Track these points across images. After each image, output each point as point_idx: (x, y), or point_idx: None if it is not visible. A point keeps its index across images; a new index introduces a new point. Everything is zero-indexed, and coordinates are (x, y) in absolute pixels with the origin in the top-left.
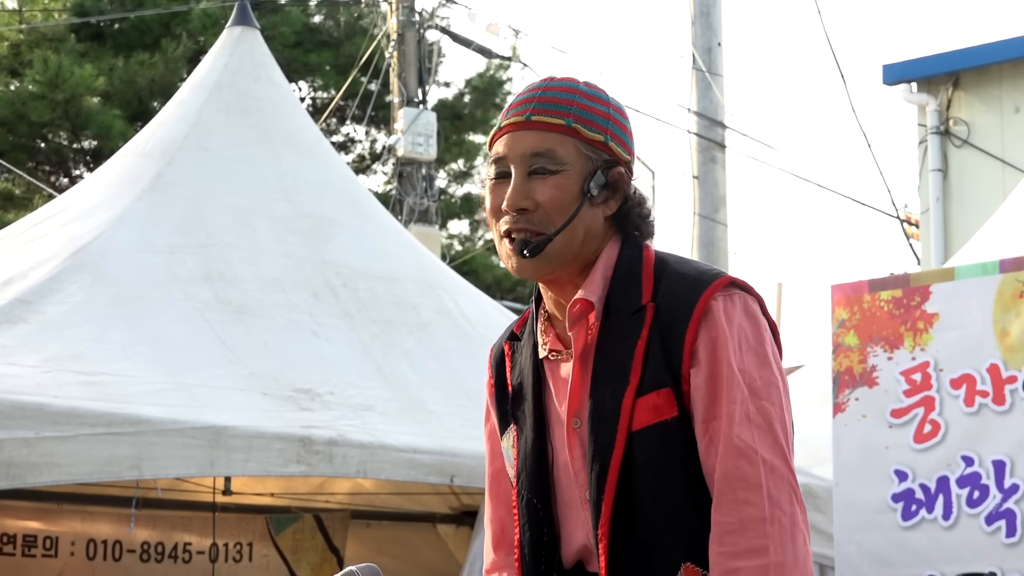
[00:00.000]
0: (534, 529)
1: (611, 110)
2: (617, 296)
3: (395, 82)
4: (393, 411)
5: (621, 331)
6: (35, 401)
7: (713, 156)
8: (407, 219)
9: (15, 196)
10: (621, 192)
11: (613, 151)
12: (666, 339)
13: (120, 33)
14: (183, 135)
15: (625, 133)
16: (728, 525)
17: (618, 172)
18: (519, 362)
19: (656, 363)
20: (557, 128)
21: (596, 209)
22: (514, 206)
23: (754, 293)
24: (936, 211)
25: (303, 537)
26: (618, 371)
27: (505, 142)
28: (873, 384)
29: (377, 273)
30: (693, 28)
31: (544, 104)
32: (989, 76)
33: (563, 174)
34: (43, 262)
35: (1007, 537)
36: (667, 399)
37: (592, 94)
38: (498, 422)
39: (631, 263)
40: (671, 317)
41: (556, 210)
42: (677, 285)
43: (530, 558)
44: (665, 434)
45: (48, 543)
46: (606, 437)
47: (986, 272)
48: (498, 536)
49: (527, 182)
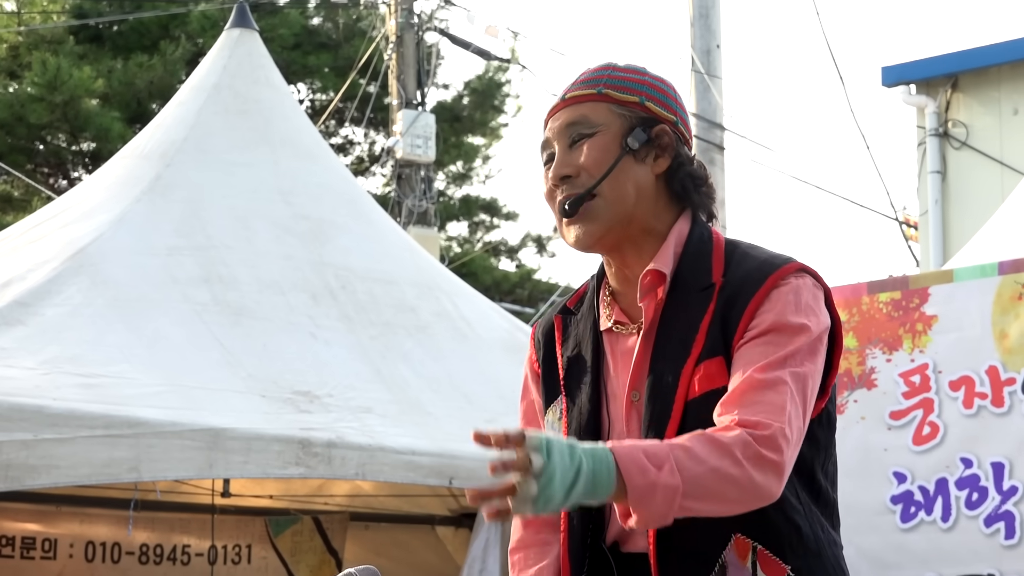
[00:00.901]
0: None
1: (647, 77)
2: (687, 271)
3: (394, 84)
4: (392, 413)
5: (688, 306)
6: (33, 403)
7: (712, 158)
8: (406, 221)
9: (14, 198)
10: (670, 150)
11: (652, 111)
12: (727, 312)
13: (119, 35)
14: (182, 137)
15: (667, 97)
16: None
17: (661, 128)
18: (574, 335)
19: (715, 335)
20: (589, 98)
21: (643, 166)
22: (557, 175)
23: (823, 282)
24: (935, 213)
25: (302, 539)
26: (681, 344)
27: (547, 126)
28: (872, 386)
29: (376, 275)
30: (692, 30)
31: (577, 84)
32: (988, 78)
33: (599, 134)
34: (41, 264)
35: (1006, 539)
36: (719, 367)
37: (628, 67)
38: (543, 395)
39: (702, 241)
40: (736, 293)
41: (596, 168)
42: (747, 264)
43: (579, 529)
44: (718, 401)
45: (47, 545)
46: (663, 407)
47: (985, 274)
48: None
49: (568, 153)
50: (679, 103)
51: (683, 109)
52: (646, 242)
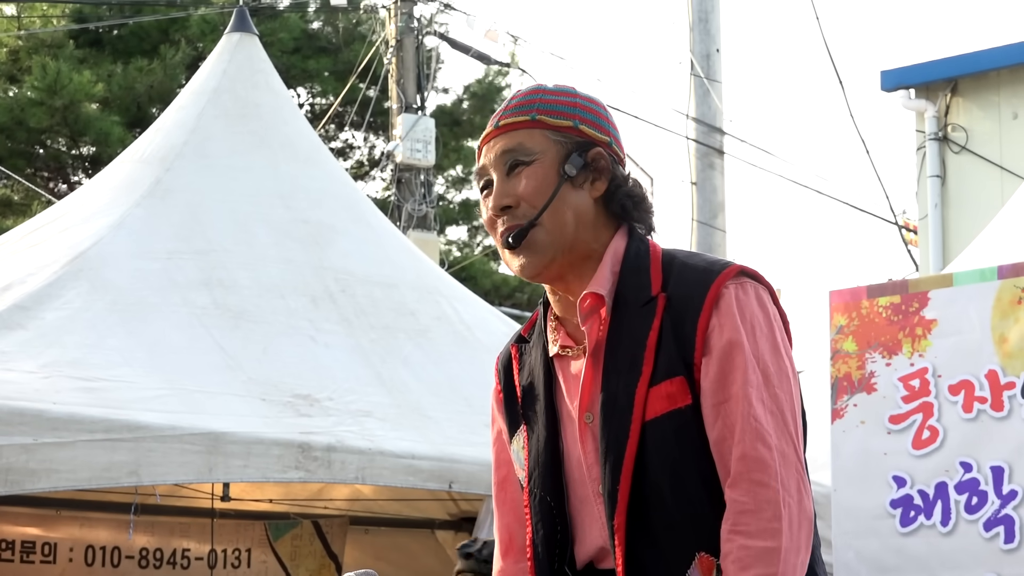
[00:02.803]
0: (548, 527)
1: (578, 99)
2: (627, 289)
3: (393, 88)
4: (392, 417)
5: (632, 323)
6: (34, 407)
7: (711, 162)
8: (405, 225)
9: (14, 202)
10: (605, 172)
11: (586, 133)
12: (678, 329)
13: (119, 39)
14: (182, 141)
15: (599, 118)
16: (743, 504)
17: (596, 152)
18: (528, 363)
19: (669, 352)
20: (523, 124)
21: (581, 192)
22: (498, 206)
23: (764, 282)
24: (934, 217)
25: (301, 543)
26: (630, 363)
27: (483, 154)
28: (871, 390)
29: (376, 279)
30: (691, 34)
31: (509, 110)
32: (987, 82)
33: (536, 163)
34: (42, 268)
35: (1005, 543)
36: (680, 387)
37: (558, 90)
38: (507, 425)
39: (639, 256)
40: (682, 307)
41: (536, 198)
42: (687, 275)
43: (544, 556)
44: (679, 422)
45: (47, 549)
46: (620, 428)
47: (984, 278)
48: (506, 544)
49: (506, 182)
50: (611, 122)
51: (615, 128)
52: (586, 266)
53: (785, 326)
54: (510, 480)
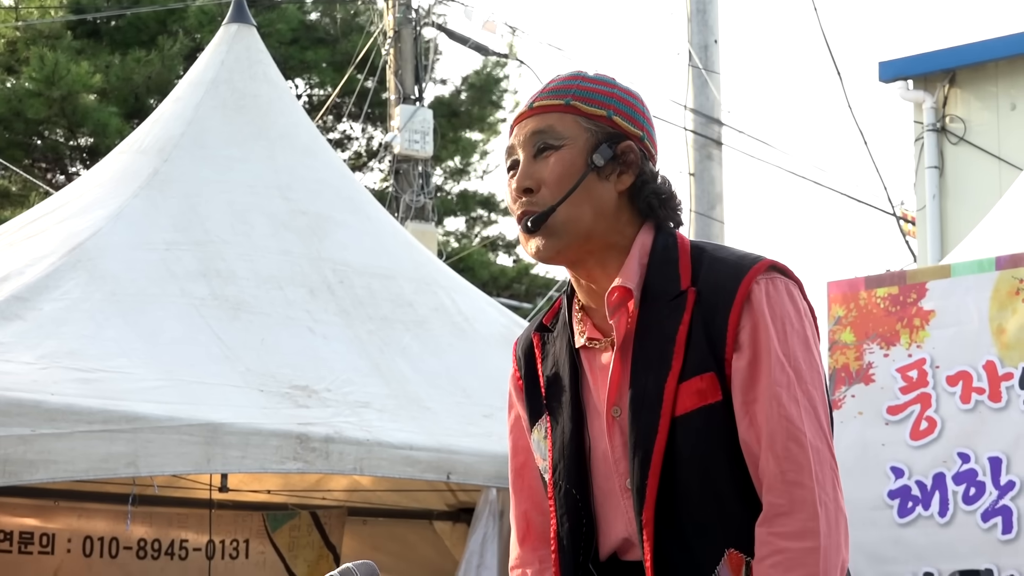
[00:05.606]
0: (573, 520)
1: (616, 90)
2: (655, 282)
3: (391, 79)
4: (390, 408)
5: (661, 317)
6: (31, 398)
7: (709, 153)
8: (403, 216)
9: (11, 193)
10: (634, 167)
11: (619, 125)
12: (708, 324)
13: (116, 30)
14: (180, 132)
15: (635, 111)
16: (779, 507)
17: (627, 145)
18: (551, 353)
19: (699, 348)
20: (556, 108)
21: (607, 183)
22: (520, 187)
23: (794, 277)
24: (932, 208)
25: (300, 534)
26: (659, 357)
27: (514, 133)
28: (869, 381)
29: (374, 270)
30: (689, 25)
31: (546, 92)
32: (985, 73)
33: (565, 148)
34: (39, 259)
35: (1003, 534)
36: (711, 383)
37: (597, 78)
38: (528, 414)
39: (667, 249)
40: (713, 302)
41: (558, 184)
42: (717, 270)
43: (569, 549)
44: (709, 418)
45: (44, 540)
46: (649, 423)
47: (982, 269)
48: (523, 531)
49: (532, 164)
50: (647, 117)
51: (650, 124)
52: (609, 256)
53: (813, 320)
54: (528, 467)
